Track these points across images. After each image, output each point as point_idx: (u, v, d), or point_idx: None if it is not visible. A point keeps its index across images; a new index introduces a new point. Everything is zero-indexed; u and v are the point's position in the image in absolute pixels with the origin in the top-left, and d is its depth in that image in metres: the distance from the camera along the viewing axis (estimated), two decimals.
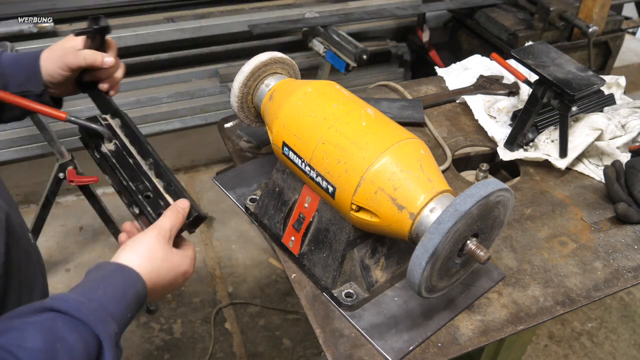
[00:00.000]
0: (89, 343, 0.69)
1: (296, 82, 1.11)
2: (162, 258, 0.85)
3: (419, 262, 0.82)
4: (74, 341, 0.68)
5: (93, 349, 0.70)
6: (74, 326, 0.69)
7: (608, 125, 1.39)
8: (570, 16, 2.53)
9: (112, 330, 0.72)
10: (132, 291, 0.79)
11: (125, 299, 0.77)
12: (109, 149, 1.05)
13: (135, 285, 0.80)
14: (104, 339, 0.70)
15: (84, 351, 0.68)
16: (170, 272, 0.87)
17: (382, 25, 3.11)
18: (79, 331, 0.69)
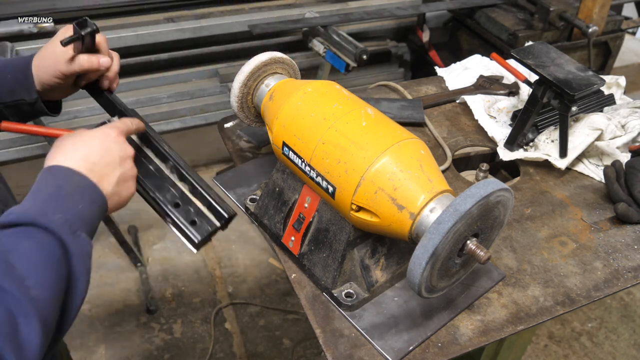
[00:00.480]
0: (42, 240, 0.69)
1: (296, 82, 1.11)
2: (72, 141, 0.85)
3: (419, 262, 0.82)
4: (24, 247, 0.68)
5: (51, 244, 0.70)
6: (20, 233, 0.70)
7: (608, 125, 1.39)
8: (570, 16, 2.53)
9: (59, 219, 0.72)
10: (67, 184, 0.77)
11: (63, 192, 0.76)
12: None
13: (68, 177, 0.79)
14: (53, 229, 0.70)
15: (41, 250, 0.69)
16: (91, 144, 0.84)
17: (382, 25, 3.11)
18: (25, 234, 0.69)
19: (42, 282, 0.67)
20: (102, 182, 0.83)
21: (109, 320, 2.40)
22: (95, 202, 0.80)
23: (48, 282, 0.67)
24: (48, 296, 0.66)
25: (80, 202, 0.77)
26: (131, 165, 0.89)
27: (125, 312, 2.44)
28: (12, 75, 1.00)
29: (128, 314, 2.43)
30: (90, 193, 0.80)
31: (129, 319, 2.41)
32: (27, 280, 0.65)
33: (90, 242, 0.76)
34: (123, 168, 0.87)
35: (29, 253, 0.68)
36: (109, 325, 2.38)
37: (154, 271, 2.61)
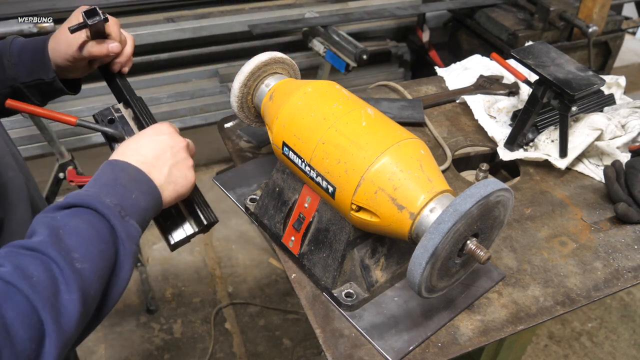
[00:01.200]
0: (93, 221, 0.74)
1: (296, 82, 1.11)
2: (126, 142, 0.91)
3: (419, 262, 0.82)
4: (75, 222, 0.73)
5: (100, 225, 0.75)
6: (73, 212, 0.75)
7: (608, 125, 1.39)
8: (570, 16, 2.53)
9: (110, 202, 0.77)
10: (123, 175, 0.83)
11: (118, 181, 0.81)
12: None
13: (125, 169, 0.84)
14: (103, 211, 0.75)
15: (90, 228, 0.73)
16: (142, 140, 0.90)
17: (382, 25, 3.11)
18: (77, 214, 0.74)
19: (88, 257, 0.71)
20: (153, 173, 0.87)
21: (109, 320, 2.40)
22: (148, 192, 0.84)
23: (94, 258, 0.71)
24: (91, 270, 0.70)
25: (134, 192, 0.81)
26: (184, 155, 0.93)
27: (125, 312, 2.44)
28: (31, 56, 1.04)
29: (128, 314, 2.43)
30: (143, 183, 0.84)
31: (129, 319, 2.41)
32: (73, 253, 0.69)
33: (138, 229, 0.80)
34: (174, 158, 0.91)
35: (78, 230, 0.72)
36: (109, 325, 2.38)
37: (154, 271, 2.61)
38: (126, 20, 2.59)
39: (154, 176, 0.87)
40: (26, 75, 1.04)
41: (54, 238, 0.70)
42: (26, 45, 1.05)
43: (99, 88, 2.61)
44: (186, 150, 0.95)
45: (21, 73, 1.04)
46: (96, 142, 2.63)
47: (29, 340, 0.62)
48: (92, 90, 2.59)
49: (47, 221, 0.73)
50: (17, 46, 1.05)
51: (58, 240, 0.70)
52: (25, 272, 0.65)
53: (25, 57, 1.04)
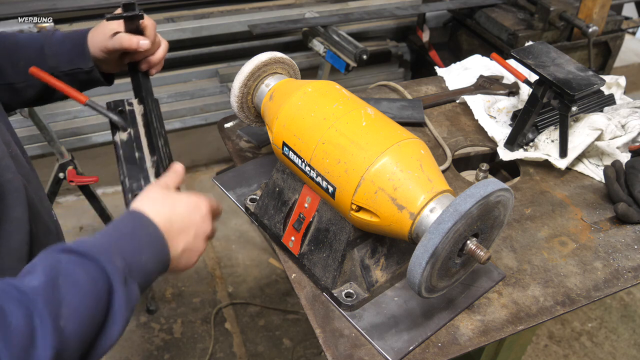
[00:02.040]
0: (96, 277, 0.70)
1: (296, 82, 1.11)
2: (163, 196, 0.86)
3: (419, 262, 0.82)
4: (78, 275, 0.69)
5: (102, 284, 0.70)
6: (80, 262, 0.71)
7: (608, 125, 1.39)
8: (570, 16, 2.53)
9: (120, 264, 0.73)
10: (142, 230, 0.79)
11: (135, 237, 0.78)
12: (120, 138, 1.05)
13: (145, 225, 0.80)
14: (110, 272, 0.71)
15: (91, 284, 0.69)
16: (178, 206, 0.86)
17: (382, 25, 3.11)
18: (84, 266, 0.70)
19: (76, 316, 0.68)
20: (171, 244, 0.83)
21: None
22: (159, 258, 0.81)
23: (82, 318, 0.68)
24: (74, 331, 0.67)
25: (146, 253, 0.78)
26: (202, 244, 0.90)
27: None
28: (71, 46, 1.09)
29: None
30: (158, 247, 0.81)
31: None
32: (63, 307, 0.66)
33: (138, 295, 0.76)
34: (194, 242, 0.87)
35: (78, 283, 0.69)
36: None
37: None
38: None
39: (171, 246, 0.83)
40: (66, 64, 1.09)
41: (50, 286, 0.67)
42: (68, 36, 1.11)
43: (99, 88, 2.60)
44: (206, 240, 0.91)
45: (62, 62, 1.09)
46: (96, 142, 2.63)
47: None
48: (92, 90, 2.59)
49: (51, 263, 0.70)
50: (59, 37, 1.11)
51: (53, 289, 0.67)
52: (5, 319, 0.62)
53: (66, 47, 1.09)
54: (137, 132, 1.06)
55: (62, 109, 2.52)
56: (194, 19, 2.63)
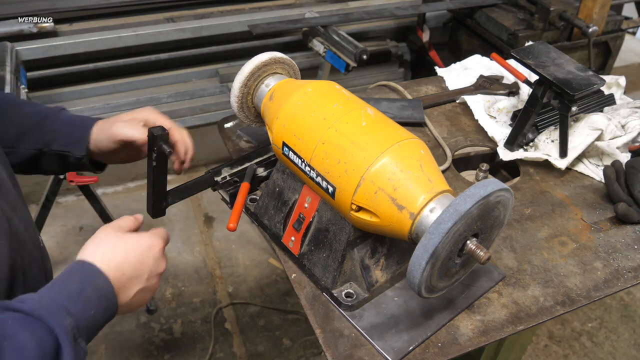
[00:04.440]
0: (43, 339, 0.68)
1: (296, 82, 1.11)
2: (115, 242, 0.85)
3: (419, 262, 0.82)
4: (24, 338, 0.67)
5: (49, 346, 0.69)
6: (26, 323, 0.69)
7: (608, 125, 1.39)
8: (570, 16, 2.53)
9: (69, 324, 0.72)
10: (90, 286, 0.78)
11: (84, 293, 0.76)
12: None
13: (94, 280, 0.79)
14: (59, 333, 0.69)
15: (37, 347, 0.67)
16: (130, 252, 0.85)
17: (382, 25, 3.11)
18: (30, 327, 0.68)
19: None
20: (122, 292, 0.83)
21: None
22: (108, 309, 0.80)
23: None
24: None
25: (94, 308, 0.77)
26: (156, 281, 0.91)
27: None
28: (71, 131, 1.09)
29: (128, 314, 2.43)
30: (106, 301, 0.80)
31: (129, 319, 2.41)
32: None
33: (85, 352, 0.75)
34: (148, 283, 0.88)
35: (24, 348, 0.67)
36: (109, 325, 2.37)
37: None
38: (126, 20, 2.59)
39: (120, 296, 0.83)
40: (59, 145, 1.08)
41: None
42: (72, 120, 1.10)
43: (100, 88, 2.61)
44: (159, 277, 0.92)
45: (57, 141, 1.08)
46: None
47: None
48: (93, 90, 2.60)
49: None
50: (64, 117, 1.10)
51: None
52: None
53: (66, 130, 1.08)
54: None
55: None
56: (194, 19, 2.63)
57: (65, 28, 2.48)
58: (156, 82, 2.71)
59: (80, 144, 1.08)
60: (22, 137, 1.05)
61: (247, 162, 1.27)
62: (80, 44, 2.39)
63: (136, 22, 2.58)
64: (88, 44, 2.41)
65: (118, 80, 2.64)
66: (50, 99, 2.52)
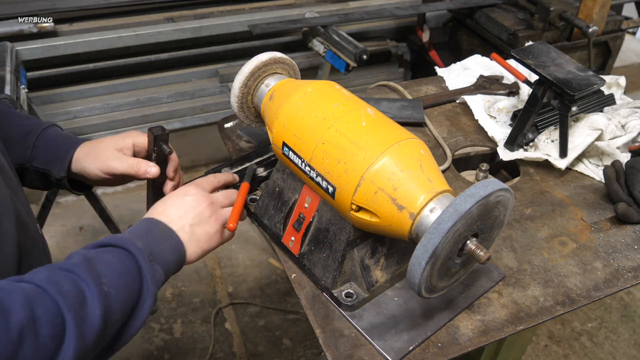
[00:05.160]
0: (123, 258, 0.82)
1: (296, 82, 1.11)
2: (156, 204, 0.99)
3: (419, 262, 0.82)
4: (108, 257, 0.81)
5: (129, 262, 0.82)
6: (106, 250, 0.83)
7: (608, 125, 1.39)
8: (570, 16, 2.53)
9: (141, 247, 0.84)
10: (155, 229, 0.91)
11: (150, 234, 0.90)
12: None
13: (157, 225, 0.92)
14: (133, 251, 0.83)
15: (121, 263, 0.81)
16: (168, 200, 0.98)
17: (382, 25, 3.11)
18: (111, 251, 0.83)
19: (115, 285, 0.78)
20: (180, 231, 0.94)
21: None
22: (174, 247, 0.92)
23: (120, 287, 0.79)
24: (116, 297, 0.78)
25: (162, 244, 0.90)
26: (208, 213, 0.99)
27: None
28: (55, 151, 1.08)
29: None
30: (171, 239, 0.92)
31: None
32: (102, 278, 0.77)
33: (162, 275, 0.87)
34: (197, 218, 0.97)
35: (109, 262, 0.80)
36: None
37: None
38: (126, 20, 2.59)
39: (180, 234, 0.94)
40: (40, 163, 1.08)
41: (87, 263, 0.77)
42: (56, 139, 1.09)
43: (99, 88, 2.61)
44: (211, 208, 1.00)
45: (37, 158, 1.07)
46: None
47: (51, 338, 0.68)
48: (93, 90, 2.60)
49: (83, 252, 0.81)
50: (50, 135, 1.09)
51: (90, 266, 0.77)
52: (57, 282, 0.72)
53: (49, 148, 1.07)
54: None
55: (62, 109, 2.52)
56: (194, 19, 2.63)
57: (65, 28, 2.48)
58: (156, 82, 2.71)
59: (61, 164, 1.07)
60: (8, 150, 1.03)
61: (247, 162, 1.27)
62: (80, 44, 2.39)
63: (136, 22, 2.58)
64: (88, 44, 2.41)
65: (118, 80, 2.64)
66: (50, 99, 2.52)
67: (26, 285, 0.71)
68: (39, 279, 0.72)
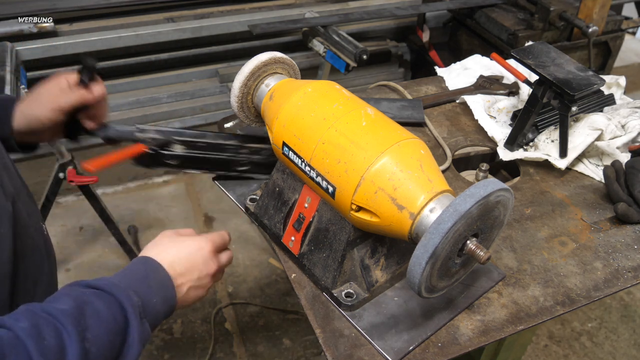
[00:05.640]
0: (115, 310, 0.77)
1: (296, 82, 1.11)
2: (169, 242, 0.94)
3: (419, 262, 0.82)
4: (100, 305, 0.76)
5: (119, 316, 0.77)
6: (100, 295, 0.78)
7: (608, 125, 1.39)
8: (570, 16, 2.53)
9: (136, 302, 0.79)
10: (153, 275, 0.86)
11: (147, 280, 0.85)
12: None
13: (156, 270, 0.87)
14: (127, 307, 0.78)
15: (111, 315, 0.76)
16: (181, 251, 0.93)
17: (382, 25, 3.11)
18: (105, 299, 0.77)
19: (98, 341, 0.74)
20: (178, 288, 0.90)
21: None
22: (167, 301, 0.87)
23: (103, 344, 0.74)
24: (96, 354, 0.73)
25: (156, 296, 0.85)
26: (207, 281, 0.96)
27: None
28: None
29: None
30: (166, 291, 0.87)
31: None
32: (87, 332, 0.73)
33: (149, 333, 0.83)
34: (199, 282, 0.94)
35: (100, 314, 0.75)
36: None
37: None
38: (126, 20, 2.59)
39: (177, 290, 0.90)
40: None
41: (78, 312, 0.73)
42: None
43: None
44: (212, 278, 0.97)
45: None
46: (96, 142, 2.62)
47: None
48: None
49: (76, 294, 0.76)
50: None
51: (80, 316, 0.73)
52: (39, 334, 0.68)
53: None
54: None
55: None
56: (194, 19, 2.63)
57: (65, 28, 2.48)
58: (156, 82, 2.72)
59: (3, 124, 1.05)
60: None
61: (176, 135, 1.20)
62: (80, 44, 2.39)
63: (136, 22, 2.58)
64: (88, 44, 2.41)
65: (118, 80, 2.64)
66: None
67: (4, 333, 0.66)
68: (20, 327, 0.68)
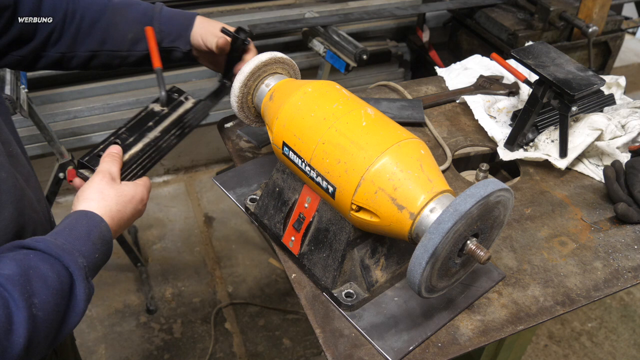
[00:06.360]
0: (61, 273, 0.78)
1: (296, 82, 1.11)
2: (115, 194, 0.96)
3: (419, 262, 0.82)
4: (45, 270, 0.76)
5: (65, 279, 0.78)
6: (45, 259, 0.78)
7: (608, 125, 1.39)
8: (570, 16, 2.53)
9: (81, 263, 0.81)
10: (96, 231, 0.87)
11: (90, 238, 0.86)
12: (150, 108, 1.22)
13: (98, 226, 0.89)
14: (73, 270, 0.79)
15: (57, 279, 0.77)
16: (128, 205, 0.97)
17: (382, 25, 3.11)
18: (50, 262, 0.78)
19: (45, 307, 0.74)
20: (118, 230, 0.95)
21: (109, 320, 2.40)
22: (107, 252, 0.90)
23: (50, 308, 0.75)
24: (44, 319, 0.74)
25: (99, 252, 0.87)
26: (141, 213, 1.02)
27: (125, 312, 2.44)
28: (177, 27, 1.20)
29: (128, 314, 2.43)
30: (107, 244, 0.89)
31: (129, 319, 2.41)
32: (34, 298, 0.73)
33: (93, 290, 0.85)
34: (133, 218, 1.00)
35: (46, 278, 0.76)
36: (109, 325, 2.38)
37: (154, 271, 2.61)
38: None
39: (115, 234, 0.94)
40: (168, 42, 1.20)
41: (23, 278, 0.73)
42: (175, 16, 1.20)
43: (99, 88, 2.61)
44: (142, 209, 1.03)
45: (164, 38, 1.20)
46: (96, 142, 2.62)
47: None
48: (93, 90, 2.60)
49: (20, 258, 0.76)
50: (167, 15, 1.20)
51: (26, 282, 0.73)
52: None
53: (173, 27, 1.20)
54: (167, 114, 1.22)
55: (62, 109, 2.52)
56: None
57: None
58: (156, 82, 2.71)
59: (185, 38, 1.20)
60: (137, 42, 1.18)
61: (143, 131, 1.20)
62: None
63: None
64: None
65: (118, 80, 2.64)
66: (50, 99, 2.52)
67: None
68: None
